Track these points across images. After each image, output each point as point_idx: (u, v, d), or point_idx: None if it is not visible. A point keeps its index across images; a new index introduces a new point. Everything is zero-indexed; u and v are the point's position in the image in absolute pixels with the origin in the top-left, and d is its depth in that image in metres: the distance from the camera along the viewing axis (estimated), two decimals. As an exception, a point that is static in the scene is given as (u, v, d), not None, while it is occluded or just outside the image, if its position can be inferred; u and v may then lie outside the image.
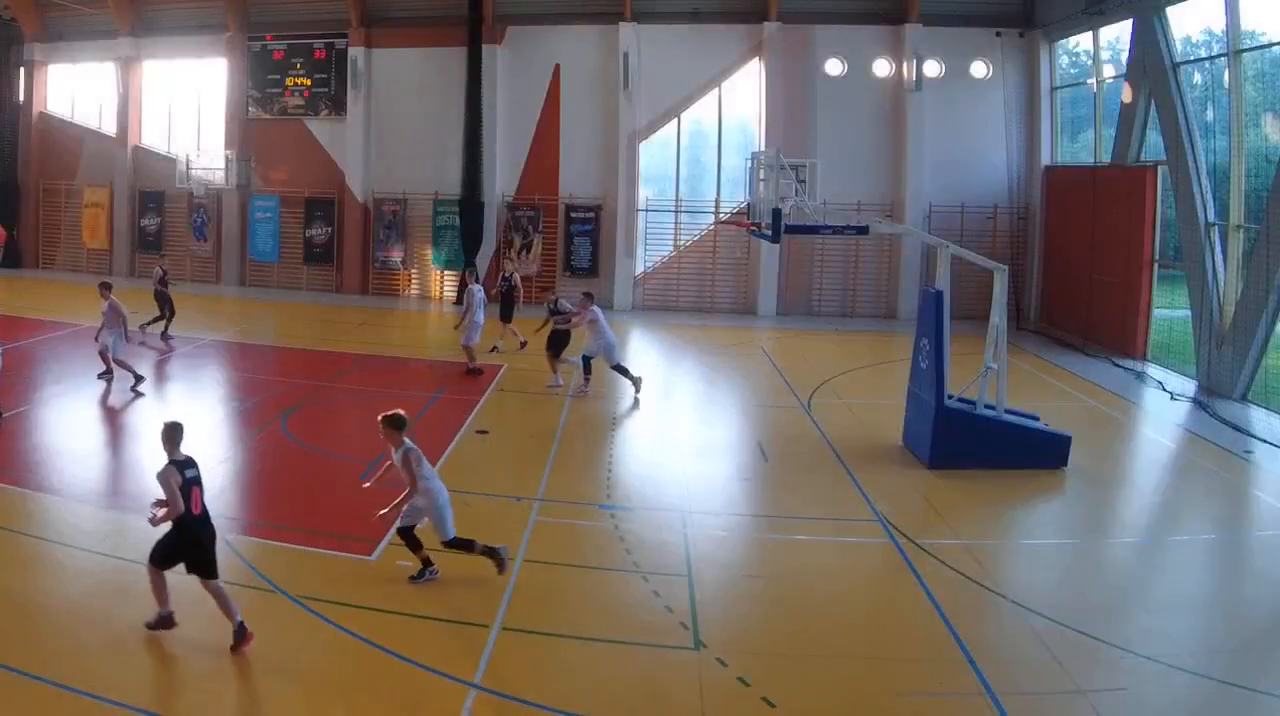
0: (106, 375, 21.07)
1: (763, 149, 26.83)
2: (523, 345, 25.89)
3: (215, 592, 10.13)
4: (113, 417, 19.30)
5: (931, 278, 24.05)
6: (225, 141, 38.18)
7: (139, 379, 20.98)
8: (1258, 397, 21.94)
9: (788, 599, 11.85)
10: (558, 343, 22.65)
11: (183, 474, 10.10)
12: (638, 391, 21.69)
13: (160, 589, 10.24)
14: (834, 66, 33.42)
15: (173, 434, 10.27)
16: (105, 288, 21.46)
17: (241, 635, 9.83)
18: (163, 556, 10.15)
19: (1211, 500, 16.19)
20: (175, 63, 39.41)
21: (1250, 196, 22.79)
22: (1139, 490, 17.06)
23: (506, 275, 27.27)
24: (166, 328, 26.74)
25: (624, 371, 21.38)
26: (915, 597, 11.77)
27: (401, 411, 11.76)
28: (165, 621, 10.13)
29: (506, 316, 26.52)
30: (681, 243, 34.81)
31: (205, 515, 10.24)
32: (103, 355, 21.05)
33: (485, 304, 23.91)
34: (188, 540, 10.08)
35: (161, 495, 9.94)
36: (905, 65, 32.65)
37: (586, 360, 21.20)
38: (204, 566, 10.07)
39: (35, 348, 25.50)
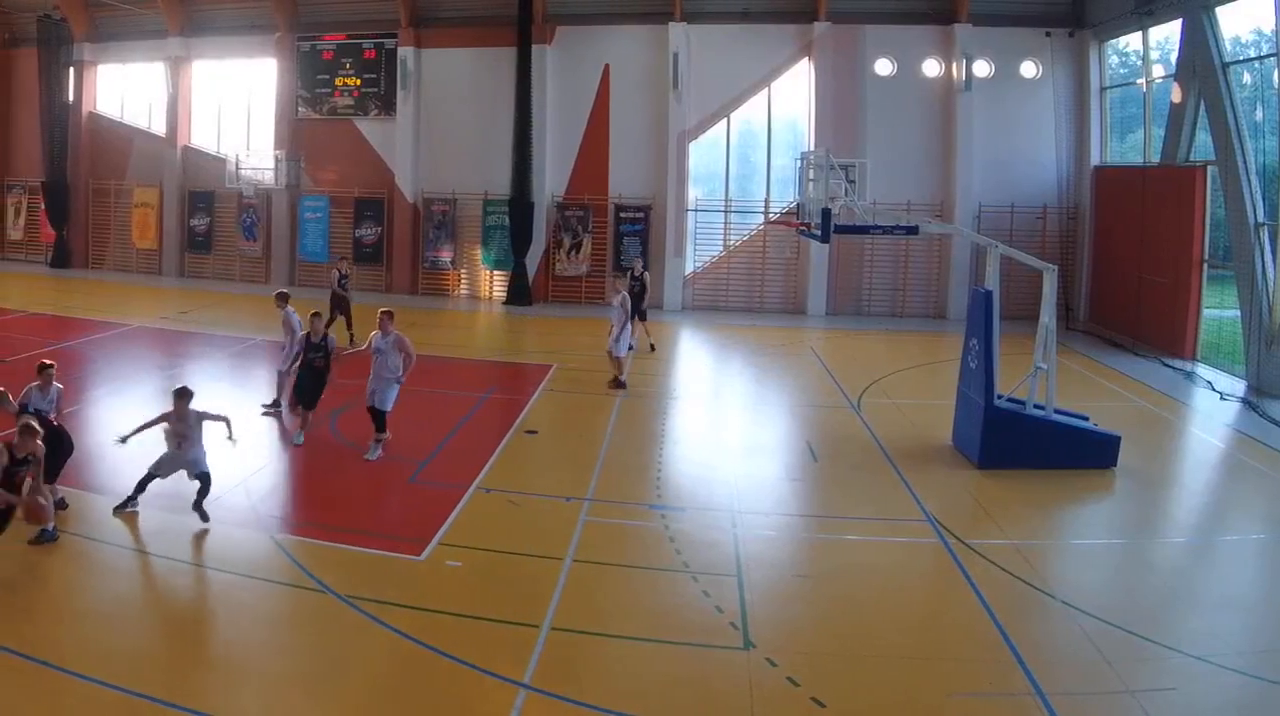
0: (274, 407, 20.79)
1: (812, 149, 28.73)
2: (652, 348, 27.48)
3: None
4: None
5: (981, 277, 25.39)
6: (275, 141, 40.69)
7: (276, 403, 20.83)
8: (1307, 397, 22.97)
9: (837, 599, 12.41)
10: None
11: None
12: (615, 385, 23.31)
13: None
14: (884, 66, 35.42)
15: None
16: (282, 298, 21.48)
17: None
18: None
19: (1261, 500, 16.77)
20: (225, 63, 41.96)
21: (1300, 196, 23.75)
22: (1188, 490, 17.64)
23: (637, 274, 28.03)
24: (351, 331, 27.35)
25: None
26: (964, 597, 12.32)
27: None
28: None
29: (640, 316, 27.15)
30: (731, 242, 36.86)
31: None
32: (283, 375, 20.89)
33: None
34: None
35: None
36: (955, 65, 34.63)
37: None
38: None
39: (85, 348, 26.92)
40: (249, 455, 17.15)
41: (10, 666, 9.83)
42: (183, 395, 14.61)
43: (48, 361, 14.90)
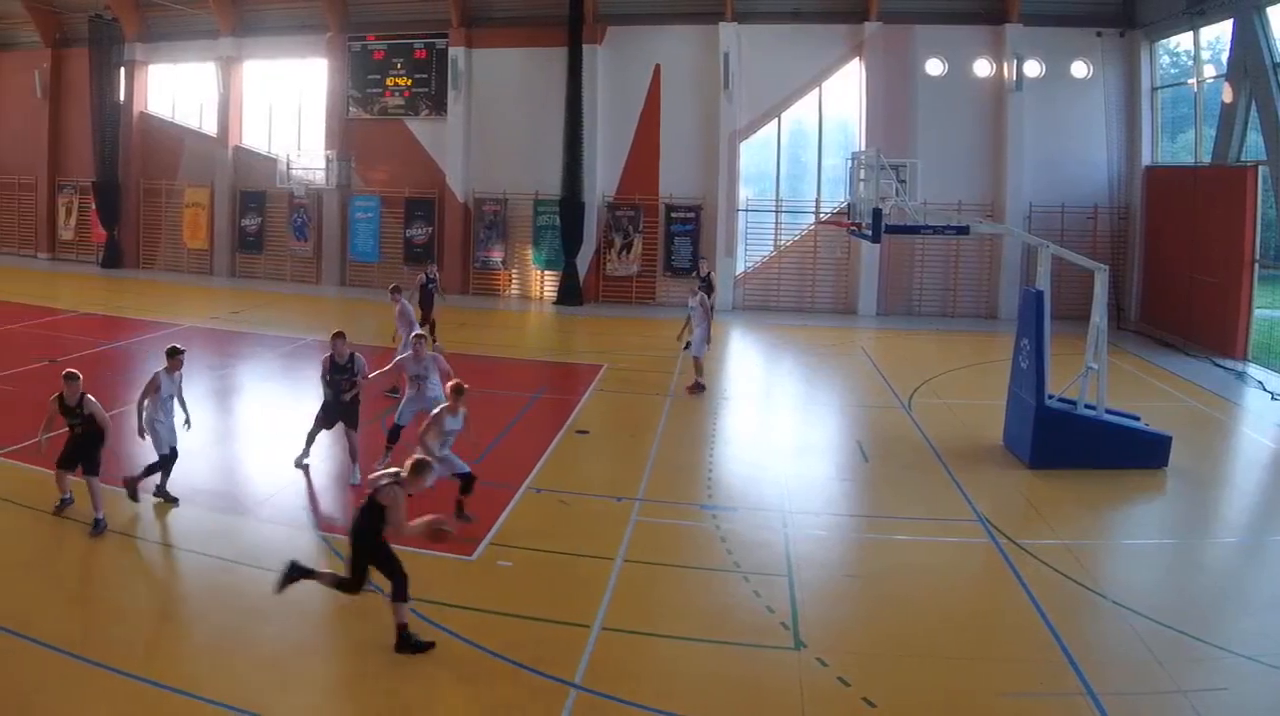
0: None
1: (863, 149, 30.11)
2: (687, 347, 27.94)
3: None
4: (213, 418, 20.64)
5: (1032, 277, 26.21)
6: (325, 141, 42.83)
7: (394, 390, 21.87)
8: (1358, 398, 23.23)
9: (888, 599, 12.82)
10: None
11: None
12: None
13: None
14: (934, 66, 37.13)
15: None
16: (396, 291, 23.45)
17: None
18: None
19: (1313, 500, 16.83)
20: (276, 63, 44.30)
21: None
22: (1240, 490, 18.09)
23: (703, 275, 29.01)
24: (434, 338, 27.04)
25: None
26: (1016, 597, 12.77)
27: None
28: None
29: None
30: (782, 242, 38.78)
31: None
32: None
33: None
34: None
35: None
36: (1006, 65, 36.24)
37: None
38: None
39: (136, 348, 28.11)
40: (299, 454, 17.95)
41: (61, 666, 10.30)
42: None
43: (178, 346, 16.13)
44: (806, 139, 38.73)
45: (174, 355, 15.46)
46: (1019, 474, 18.05)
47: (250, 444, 18.37)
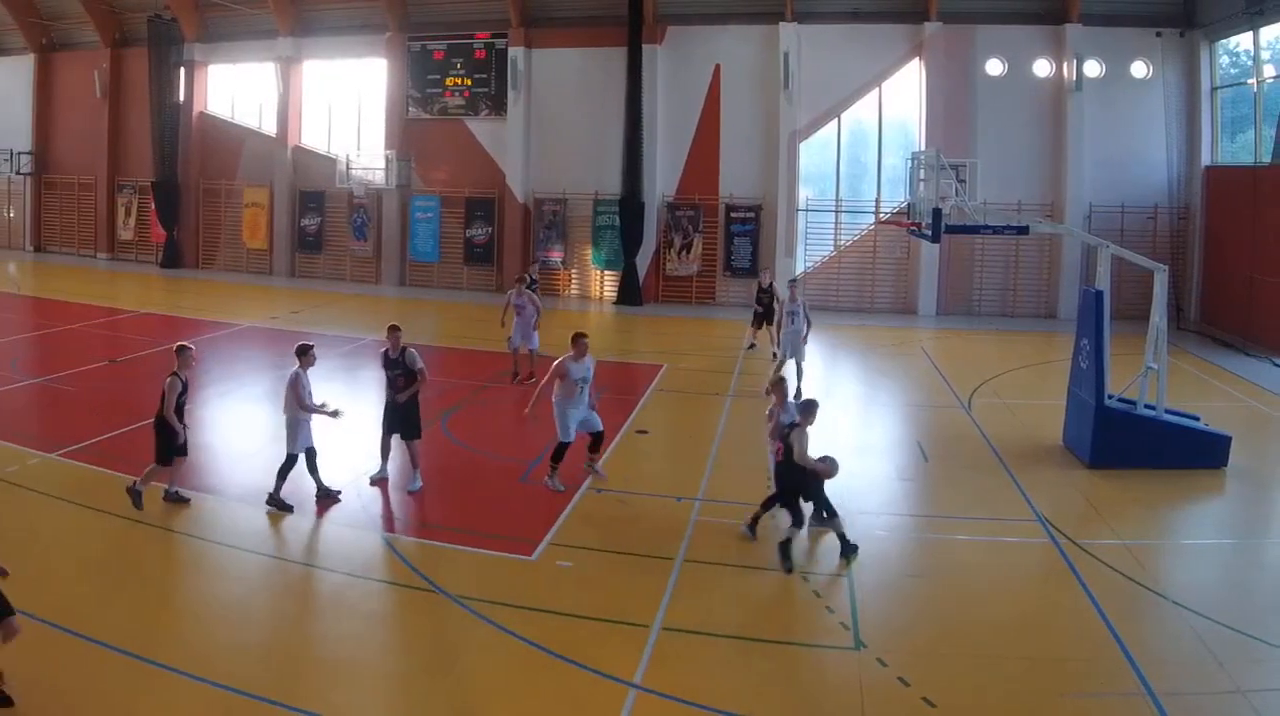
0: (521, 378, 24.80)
1: (923, 149, 32.49)
2: (752, 346, 29.65)
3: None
4: (272, 418, 20.81)
5: (1092, 278, 27.02)
6: (385, 141, 45.45)
7: (526, 375, 24.88)
8: None
9: (948, 599, 13.32)
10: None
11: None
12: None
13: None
14: (994, 66, 38.82)
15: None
16: (521, 280, 26.05)
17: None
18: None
19: (1374, 500, 17.39)
20: (335, 63, 47.15)
21: None
22: None
23: (765, 287, 30.15)
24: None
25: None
26: (1075, 597, 13.22)
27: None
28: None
29: (766, 321, 29.05)
30: (842, 242, 40.84)
31: None
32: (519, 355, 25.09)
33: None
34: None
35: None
36: (1065, 65, 38.04)
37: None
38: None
39: (196, 348, 29.70)
40: (358, 456, 18.93)
41: (122, 666, 10.73)
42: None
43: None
44: (866, 139, 40.74)
45: (305, 352, 16.16)
46: (1079, 474, 18.73)
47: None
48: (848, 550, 14.74)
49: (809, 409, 14.94)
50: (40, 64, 53.18)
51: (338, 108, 47.72)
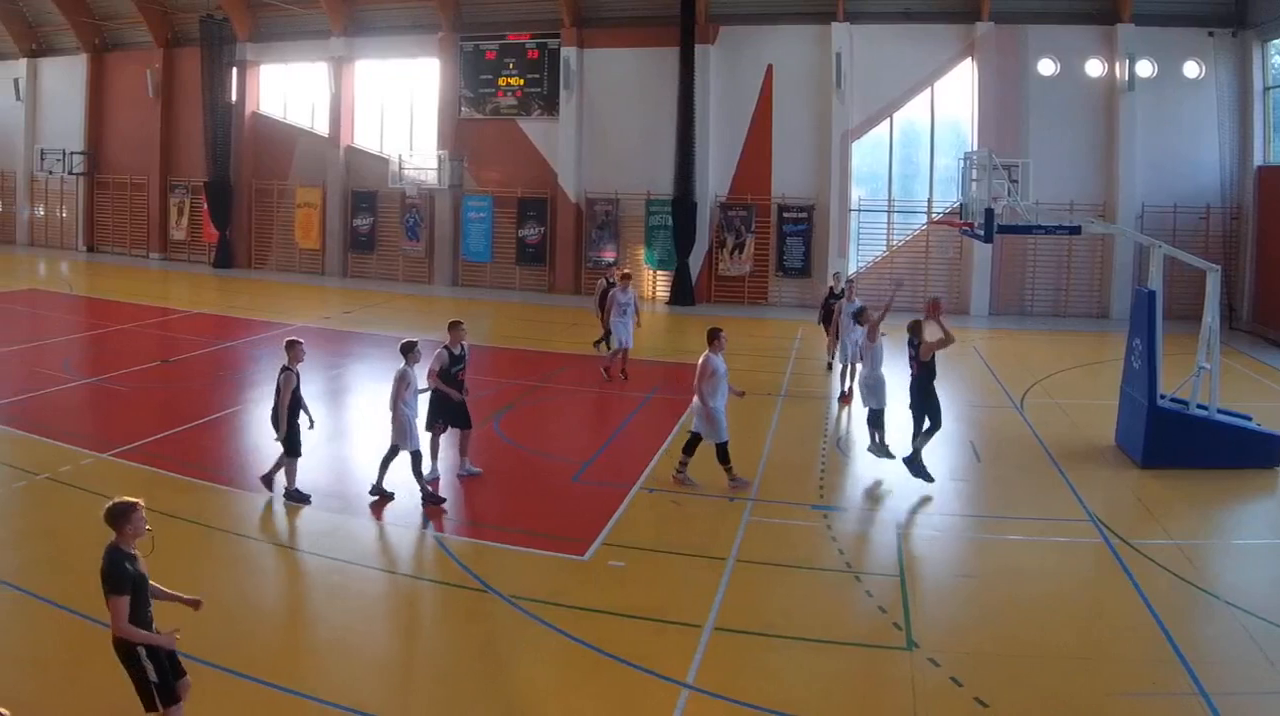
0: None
1: (975, 149, 33.82)
2: (830, 366, 28.53)
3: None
4: (326, 418, 21.41)
5: (1144, 278, 27.74)
6: (438, 141, 47.67)
7: (613, 373, 26.59)
8: None
9: (1001, 599, 13.70)
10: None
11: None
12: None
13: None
14: (1046, 66, 40.07)
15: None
16: (625, 278, 27.81)
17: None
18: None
19: None
20: (387, 62, 49.70)
21: None
22: None
23: (838, 292, 28.77)
24: (606, 341, 29.66)
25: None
26: (1128, 597, 13.61)
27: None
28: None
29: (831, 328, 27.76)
30: (894, 242, 42.65)
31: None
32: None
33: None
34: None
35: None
36: (1118, 65, 39.10)
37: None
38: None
39: (248, 347, 31.05)
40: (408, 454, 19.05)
41: None
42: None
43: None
44: (918, 139, 42.53)
45: (411, 349, 16.97)
46: (1131, 474, 19.40)
47: (362, 443, 19.83)
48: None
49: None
50: (93, 64, 56.16)
51: (390, 108, 50.16)
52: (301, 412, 17.14)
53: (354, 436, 21.22)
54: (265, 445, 20.30)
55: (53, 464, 18.50)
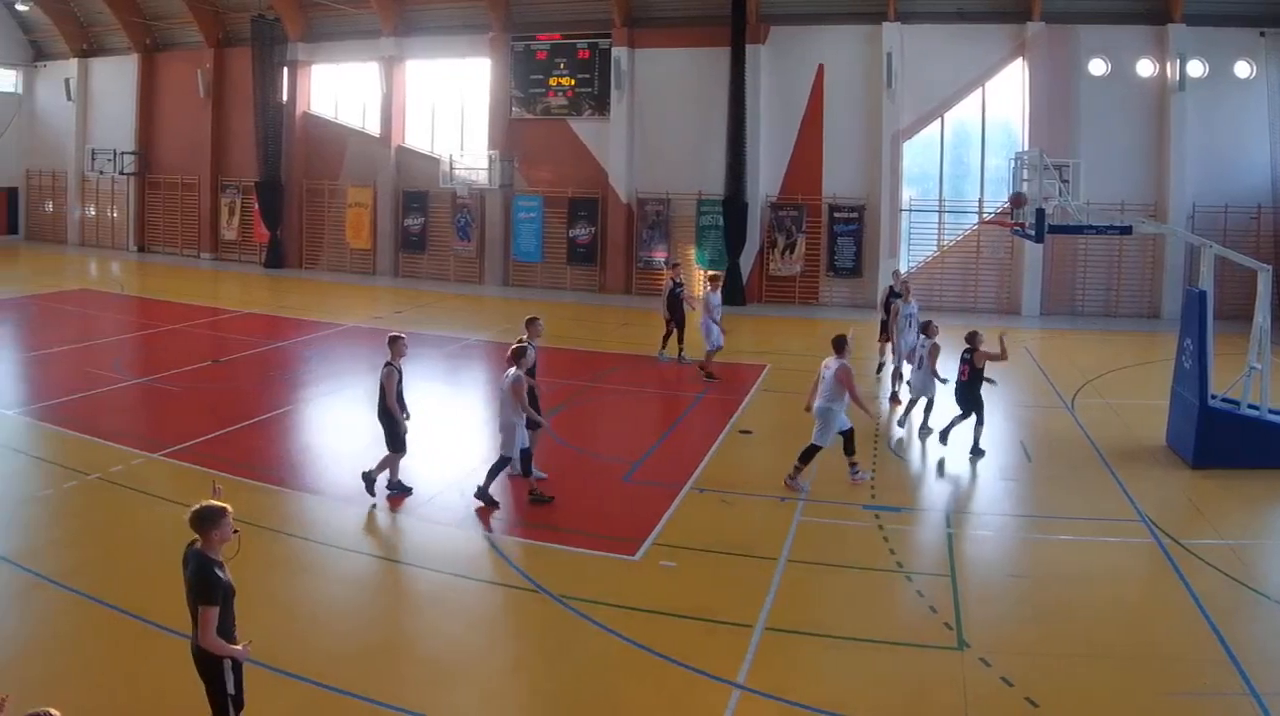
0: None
1: (1026, 149, 35.52)
2: (880, 367, 29.06)
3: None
4: (374, 418, 20.55)
5: (1195, 277, 27.92)
6: (489, 141, 49.53)
7: (707, 375, 27.61)
8: None
9: (1051, 599, 14.08)
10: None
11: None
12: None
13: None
14: (1097, 66, 41.55)
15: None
16: (714, 279, 29.32)
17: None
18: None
19: None
20: (438, 62, 52.12)
21: None
22: None
23: (898, 290, 28.46)
24: (681, 345, 30.64)
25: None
26: (1179, 597, 14.01)
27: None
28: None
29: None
30: (945, 242, 44.30)
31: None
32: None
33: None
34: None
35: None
36: (1169, 65, 40.49)
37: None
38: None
39: (300, 347, 32.24)
40: (465, 455, 20.59)
41: None
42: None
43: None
44: (969, 139, 44.12)
45: (522, 354, 17.45)
46: (1182, 474, 19.96)
47: (413, 443, 19.47)
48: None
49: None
50: (144, 64, 59.15)
51: (441, 108, 52.52)
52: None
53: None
54: (315, 444, 22.10)
55: (104, 464, 19.26)
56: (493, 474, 17.66)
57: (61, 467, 19.19)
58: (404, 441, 17.95)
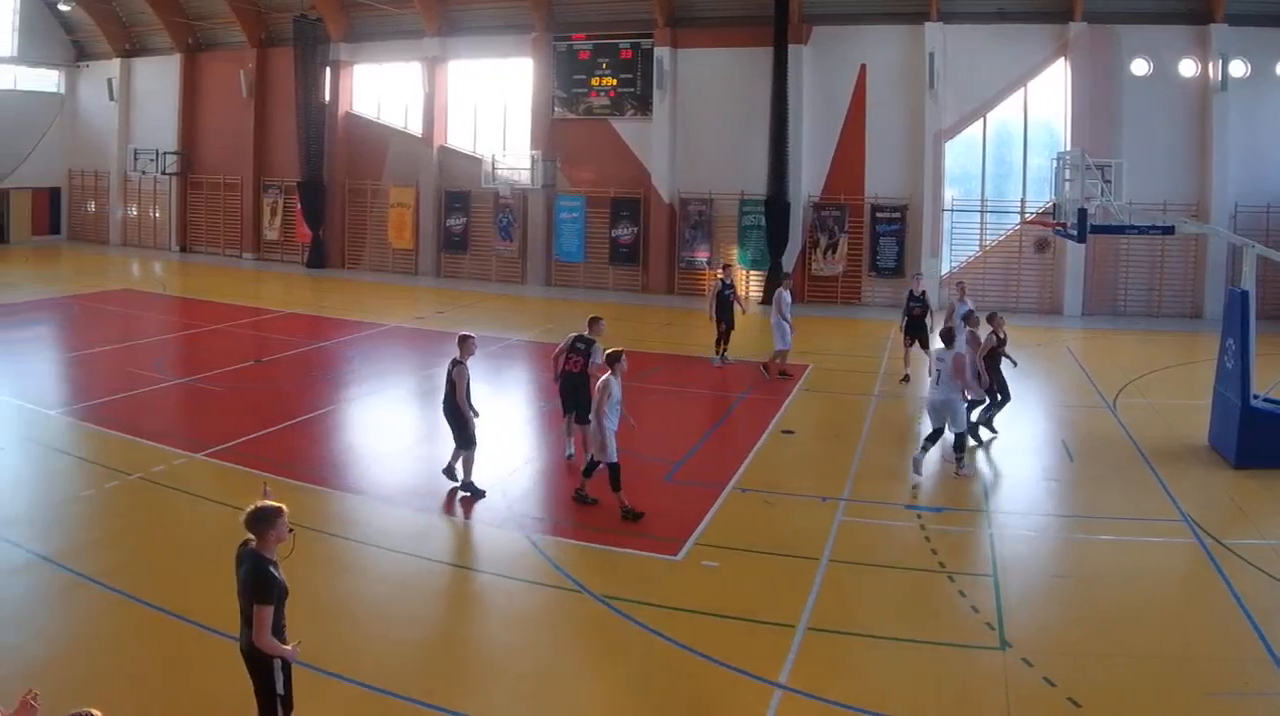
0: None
1: (1068, 149, 37.08)
2: (905, 379, 29.12)
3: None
4: (419, 418, 23.25)
5: (1237, 277, 27.11)
6: (531, 141, 51.03)
7: (768, 372, 28.51)
8: None
9: (1093, 599, 14.35)
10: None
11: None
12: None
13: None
14: (1139, 66, 42.63)
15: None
16: (787, 280, 30.94)
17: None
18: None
19: None
20: (480, 62, 53.97)
21: None
22: None
23: (917, 294, 29.54)
24: (724, 346, 31.13)
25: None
26: (1221, 598, 14.27)
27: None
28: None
29: (920, 338, 29.13)
30: (987, 242, 45.50)
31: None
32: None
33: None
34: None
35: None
36: (1211, 65, 41.47)
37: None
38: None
39: (342, 348, 33.12)
40: (508, 455, 21.06)
41: None
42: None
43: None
44: (1011, 139, 45.48)
45: (616, 360, 17.62)
46: (1224, 474, 20.29)
47: (450, 445, 19.83)
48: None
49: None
50: (186, 64, 61.54)
51: (483, 108, 54.10)
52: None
53: (445, 437, 20.07)
54: (359, 444, 22.66)
55: (146, 464, 19.75)
56: (613, 483, 17.76)
57: (103, 467, 19.73)
58: (474, 437, 18.53)
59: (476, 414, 18.63)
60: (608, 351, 18.10)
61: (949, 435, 20.53)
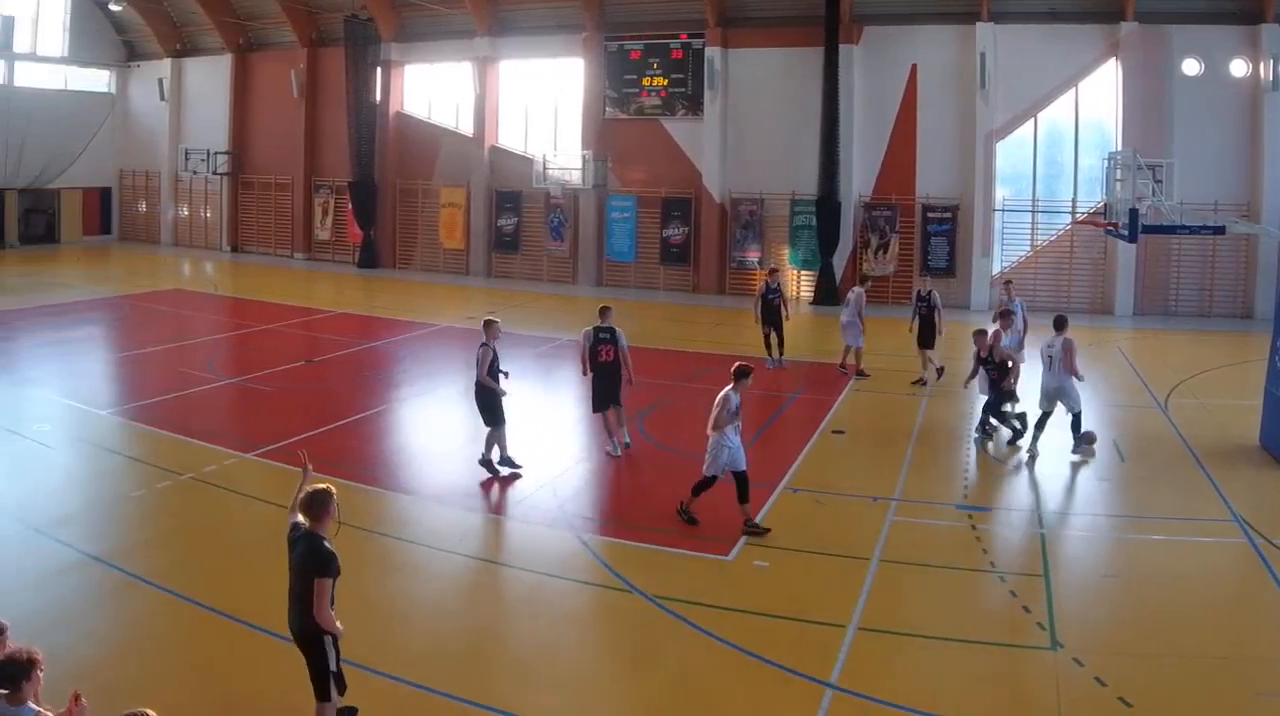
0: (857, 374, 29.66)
1: (1119, 149, 38.58)
2: (940, 372, 29.79)
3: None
4: (468, 419, 22.63)
5: None
6: (582, 141, 53.02)
7: (846, 370, 30.06)
8: None
9: (1145, 599, 14.77)
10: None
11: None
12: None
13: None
14: (1190, 66, 43.86)
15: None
16: (864, 281, 33.76)
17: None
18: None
19: None
20: (531, 63, 55.72)
21: None
22: None
23: (924, 294, 30.37)
24: (781, 350, 32.08)
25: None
26: (1272, 598, 14.70)
27: None
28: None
29: (927, 341, 29.95)
30: (1038, 242, 47.08)
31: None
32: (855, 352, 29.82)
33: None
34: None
35: None
36: (1262, 65, 42.65)
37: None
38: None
39: (393, 347, 34.22)
40: (559, 455, 21.82)
41: None
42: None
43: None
44: (1063, 139, 46.98)
45: (745, 375, 17.57)
46: (1275, 474, 20.78)
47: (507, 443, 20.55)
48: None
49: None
50: (237, 64, 64.23)
51: (534, 108, 55.97)
52: (501, 384, 20.02)
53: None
54: (408, 444, 23.66)
55: (197, 464, 20.53)
56: (696, 490, 17.98)
57: (155, 467, 20.50)
58: (502, 414, 19.90)
59: (504, 392, 19.94)
60: (736, 365, 17.91)
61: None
